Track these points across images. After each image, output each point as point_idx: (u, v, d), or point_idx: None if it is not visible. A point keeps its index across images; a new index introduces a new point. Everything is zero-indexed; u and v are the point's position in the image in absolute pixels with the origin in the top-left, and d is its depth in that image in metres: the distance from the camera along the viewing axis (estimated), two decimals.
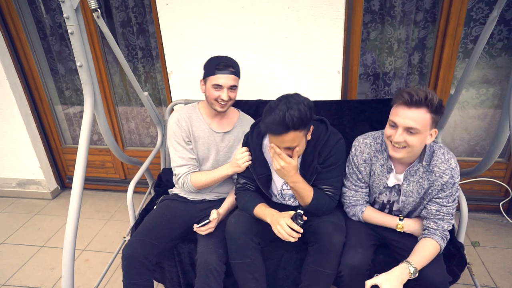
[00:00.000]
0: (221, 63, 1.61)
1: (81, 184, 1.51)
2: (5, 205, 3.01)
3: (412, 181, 1.43)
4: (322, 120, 1.58)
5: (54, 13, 2.63)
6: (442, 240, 1.40)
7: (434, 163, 1.37)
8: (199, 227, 1.57)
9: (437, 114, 1.27)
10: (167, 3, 2.09)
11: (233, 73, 1.63)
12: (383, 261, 1.52)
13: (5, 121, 2.79)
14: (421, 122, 1.26)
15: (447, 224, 1.41)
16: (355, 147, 1.55)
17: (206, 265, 1.48)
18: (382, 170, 1.48)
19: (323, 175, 1.52)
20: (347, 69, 2.22)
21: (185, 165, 1.71)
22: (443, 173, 1.36)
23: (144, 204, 2.04)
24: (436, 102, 1.24)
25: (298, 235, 1.34)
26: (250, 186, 1.63)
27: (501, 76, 2.21)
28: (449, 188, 1.37)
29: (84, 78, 1.53)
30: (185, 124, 1.72)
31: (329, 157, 1.50)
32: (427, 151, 1.39)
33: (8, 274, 2.23)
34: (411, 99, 1.25)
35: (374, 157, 1.50)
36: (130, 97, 2.83)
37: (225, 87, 1.62)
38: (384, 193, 1.53)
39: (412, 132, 1.28)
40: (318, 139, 1.51)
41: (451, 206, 1.40)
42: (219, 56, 1.66)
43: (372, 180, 1.53)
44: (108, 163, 3.06)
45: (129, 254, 1.50)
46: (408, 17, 2.14)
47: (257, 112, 2.04)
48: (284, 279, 1.64)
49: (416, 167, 1.41)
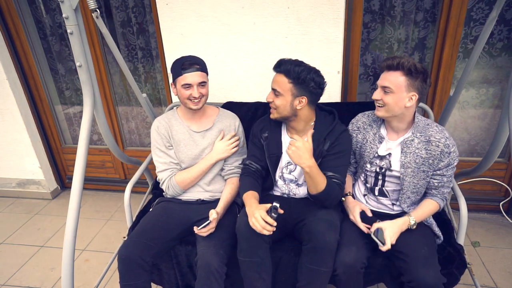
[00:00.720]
0: (185, 63, 1.63)
1: (81, 184, 1.51)
2: (5, 205, 3.01)
3: (409, 152, 1.51)
4: (331, 111, 1.68)
5: (54, 13, 2.63)
6: (441, 201, 1.56)
7: (430, 133, 1.49)
8: (200, 229, 1.56)
9: (412, 77, 1.40)
10: (167, 3, 2.09)
11: (199, 69, 1.65)
12: (382, 263, 1.52)
13: (5, 121, 2.79)
14: (394, 83, 1.42)
15: (447, 189, 1.55)
16: (356, 117, 1.71)
17: (208, 267, 1.46)
18: (374, 138, 1.60)
19: (329, 162, 1.57)
20: (347, 69, 2.22)
21: (167, 169, 1.75)
22: (438, 141, 1.46)
23: (144, 204, 2.04)
24: (408, 65, 1.39)
25: (272, 228, 1.37)
26: (252, 166, 1.68)
27: (501, 76, 2.21)
28: (446, 157, 1.47)
29: (83, 78, 1.53)
30: (164, 130, 1.76)
31: (336, 144, 1.57)
32: (421, 123, 1.51)
33: (8, 274, 2.23)
34: (387, 64, 1.45)
35: (368, 126, 1.63)
36: (130, 97, 2.84)
37: (194, 84, 1.64)
38: (374, 162, 1.60)
39: (387, 91, 1.44)
40: (324, 126, 1.60)
41: (450, 174, 1.52)
42: (183, 57, 1.68)
43: (363, 148, 1.63)
44: (108, 163, 3.06)
45: (124, 256, 1.48)
46: (408, 17, 2.13)
47: (255, 114, 2.03)
48: (282, 281, 1.62)
49: (411, 138, 1.51)
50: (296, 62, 1.52)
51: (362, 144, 1.64)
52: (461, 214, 1.59)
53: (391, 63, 1.44)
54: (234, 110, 2.03)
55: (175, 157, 1.77)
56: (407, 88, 1.42)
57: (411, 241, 1.45)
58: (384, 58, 1.57)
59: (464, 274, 1.52)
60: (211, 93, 2.30)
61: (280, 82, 1.52)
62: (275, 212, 1.38)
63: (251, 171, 1.69)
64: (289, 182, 1.70)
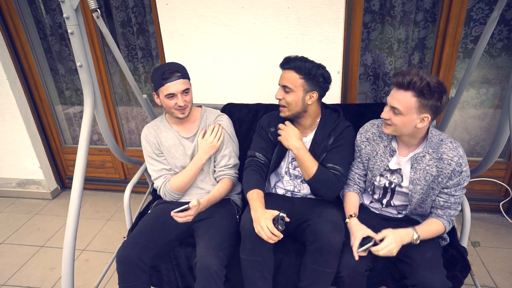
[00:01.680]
0: (166, 72, 1.58)
1: (81, 184, 1.51)
2: (5, 205, 3.01)
3: (419, 169, 1.43)
4: (336, 109, 1.71)
5: (54, 13, 2.63)
6: (448, 223, 1.46)
7: (443, 151, 1.39)
8: (176, 212, 1.51)
9: (425, 98, 1.27)
10: (167, 3, 2.09)
11: (181, 77, 1.60)
12: (384, 266, 1.51)
13: (5, 121, 2.79)
14: (404, 104, 1.30)
15: (454, 211, 1.45)
16: (363, 127, 1.61)
17: (207, 269, 1.44)
18: (384, 151, 1.51)
19: (331, 154, 1.59)
20: (347, 69, 2.22)
21: (161, 176, 1.75)
22: (451, 160, 1.37)
23: (144, 204, 2.04)
24: (420, 86, 1.25)
25: (278, 238, 1.36)
26: (261, 159, 1.67)
27: (501, 76, 2.21)
28: (457, 176, 1.38)
29: (84, 78, 1.53)
30: (153, 138, 1.75)
31: (339, 138, 1.60)
32: (435, 139, 1.41)
33: (8, 274, 2.23)
34: (397, 82, 1.32)
35: (378, 137, 1.54)
36: (130, 97, 2.84)
37: (178, 93, 1.60)
38: (385, 175, 1.53)
39: (396, 112, 1.34)
40: (329, 123, 1.63)
41: (458, 195, 1.42)
42: (162, 65, 1.64)
43: (373, 161, 1.54)
44: (108, 163, 3.06)
45: (123, 257, 1.48)
46: (408, 17, 2.13)
47: (256, 116, 2.01)
48: (283, 283, 1.60)
49: (422, 154, 1.42)
50: (304, 59, 1.54)
51: (371, 156, 1.55)
52: (464, 216, 1.58)
53: (402, 81, 1.30)
54: (235, 111, 2.03)
55: (167, 163, 1.76)
56: (419, 110, 1.30)
57: (416, 244, 1.42)
58: (395, 73, 1.40)
59: None
60: (211, 93, 2.31)
61: (290, 78, 1.53)
62: (282, 224, 1.36)
63: (259, 163, 1.67)
64: (294, 177, 1.71)
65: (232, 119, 1.90)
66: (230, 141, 1.81)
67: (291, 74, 1.53)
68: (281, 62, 1.57)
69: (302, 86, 1.53)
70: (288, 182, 1.73)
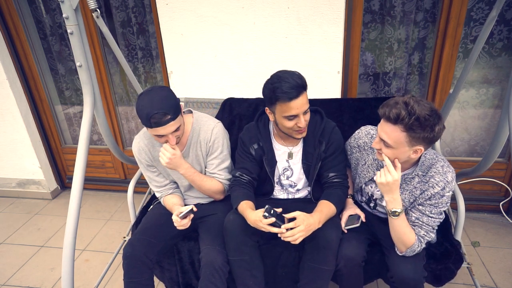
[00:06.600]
0: (155, 116, 1.37)
1: (81, 184, 1.51)
2: (5, 205, 3.01)
3: (406, 190, 1.39)
4: (317, 110, 1.64)
5: (54, 13, 2.63)
6: (417, 241, 1.34)
7: (431, 174, 1.33)
8: (181, 216, 1.48)
9: (415, 132, 1.18)
10: (167, 3, 2.09)
11: (171, 119, 1.41)
12: (379, 259, 1.54)
13: (5, 121, 2.79)
14: (393, 139, 1.22)
15: (425, 232, 1.35)
16: (358, 131, 1.59)
17: (212, 265, 1.48)
18: (372, 163, 1.50)
19: (329, 163, 1.58)
20: (347, 69, 2.22)
21: (158, 191, 1.75)
22: (436, 184, 1.31)
23: (144, 203, 2.04)
24: (409, 123, 1.16)
25: (284, 226, 1.35)
26: (243, 178, 1.62)
27: (501, 76, 2.21)
28: (436, 199, 1.32)
29: (83, 78, 1.53)
30: (145, 154, 1.67)
31: (330, 144, 1.57)
32: (426, 161, 1.36)
33: (8, 274, 2.23)
34: (384, 114, 1.23)
35: (370, 149, 1.51)
36: (130, 97, 2.84)
37: (169, 133, 1.46)
38: (369, 185, 1.55)
39: (386, 145, 1.26)
40: (316, 128, 1.58)
41: (433, 218, 1.34)
42: (148, 108, 1.39)
43: (361, 169, 1.55)
44: (108, 163, 3.06)
45: (130, 253, 1.51)
46: (408, 17, 2.13)
47: (256, 110, 2.01)
48: (283, 276, 1.65)
49: (411, 176, 1.37)
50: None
51: (359, 163, 1.55)
52: (459, 210, 1.61)
53: (388, 115, 1.19)
54: (235, 106, 2.02)
55: (162, 176, 1.73)
56: (410, 143, 1.22)
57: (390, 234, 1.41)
58: (382, 104, 1.26)
59: (464, 274, 1.52)
60: (211, 93, 2.31)
61: (306, 100, 1.45)
62: (273, 213, 1.36)
63: (243, 182, 1.62)
64: (287, 187, 1.70)
65: (232, 114, 1.88)
66: (223, 154, 1.70)
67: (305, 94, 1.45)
68: (299, 91, 1.40)
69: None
70: (279, 191, 1.71)
